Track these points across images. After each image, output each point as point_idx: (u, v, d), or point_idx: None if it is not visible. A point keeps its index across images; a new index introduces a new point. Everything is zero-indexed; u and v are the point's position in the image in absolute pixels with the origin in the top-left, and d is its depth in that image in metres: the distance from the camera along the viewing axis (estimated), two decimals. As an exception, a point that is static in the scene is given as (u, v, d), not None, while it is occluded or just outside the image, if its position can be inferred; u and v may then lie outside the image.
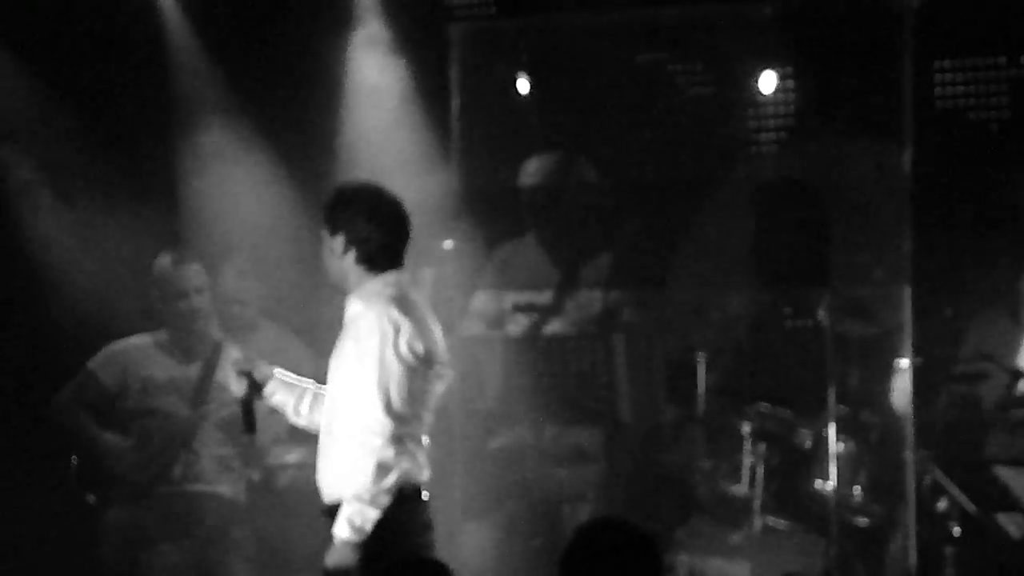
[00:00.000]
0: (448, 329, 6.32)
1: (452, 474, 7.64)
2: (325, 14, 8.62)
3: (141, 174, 8.46)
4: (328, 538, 5.70)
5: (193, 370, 7.44)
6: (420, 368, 5.69)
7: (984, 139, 8.36)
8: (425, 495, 5.78)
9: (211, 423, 7.39)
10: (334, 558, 5.66)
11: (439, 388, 5.83)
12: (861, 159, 8.35)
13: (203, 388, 7.40)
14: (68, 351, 7.74)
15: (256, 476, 7.60)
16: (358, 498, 5.61)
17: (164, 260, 7.45)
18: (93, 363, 7.48)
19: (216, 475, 7.41)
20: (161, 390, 7.39)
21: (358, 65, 8.64)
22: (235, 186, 8.51)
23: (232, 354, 6.09)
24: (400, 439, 5.64)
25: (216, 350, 7.45)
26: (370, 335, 5.66)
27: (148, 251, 7.75)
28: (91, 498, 7.37)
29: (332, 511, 5.73)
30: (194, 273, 7.44)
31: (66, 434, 7.46)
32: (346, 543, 5.62)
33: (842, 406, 7.44)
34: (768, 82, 8.46)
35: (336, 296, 5.99)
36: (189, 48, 8.59)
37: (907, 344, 7.91)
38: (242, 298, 8.03)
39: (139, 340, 7.52)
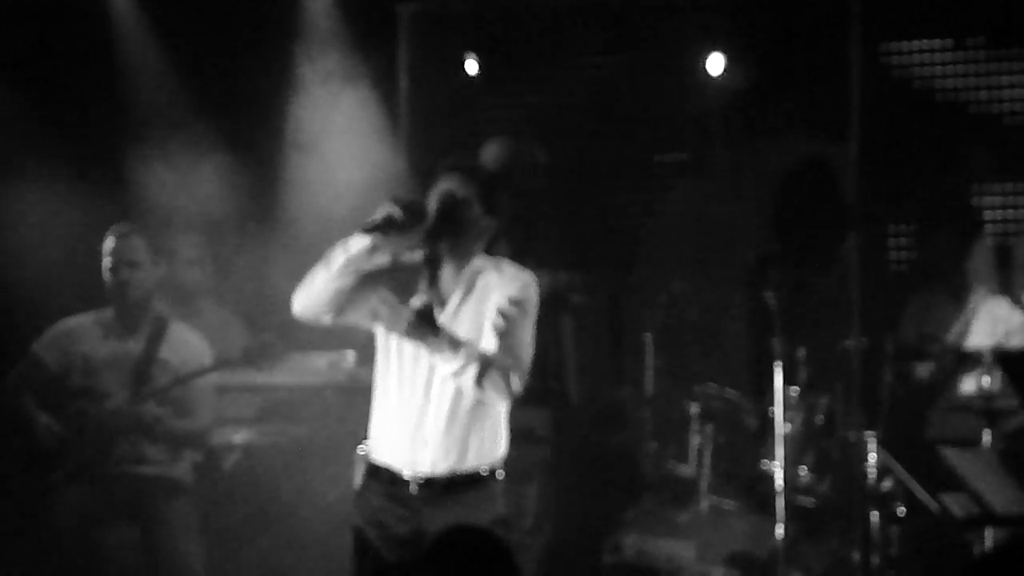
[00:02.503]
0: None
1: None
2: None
3: (88, 153, 8.41)
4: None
5: (136, 346, 7.36)
6: None
7: (931, 121, 8.40)
8: None
9: (155, 401, 7.31)
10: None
11: None
12: (809, 141, 8.38)
13: (146, 365, 7.33)
14: (19, 334, 7.67)
15: (199, 458, 7.55)
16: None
17: (110, 234, 7.40)
18: (37, 345, 7.42)
19: (161, 455, 7.35)
20: (102, 368, 7.31)
21: (306, 45, 8.61)
22: (180, 167, 8.48)
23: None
24: None
25: (160, 326, 7.39)
26: (533, 300, 5.78)
27: (99, 230, 7.70)
28: (31, 477, 7.31)
29: (461, 481, 5.65)
30: (128, 247, 7.34)
31: (10, 419, 7.40)
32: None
33: (788, 387, 7.46)
34: (716, 64, 8.48)
35: (272, 273, 5.95)
36: (135, 24, 8.55)
37: (854, 325, 7.96)
38: (192, 277, 8.02)
39: (83, 318, 7.46)
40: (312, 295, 5.61)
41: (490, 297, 5.72)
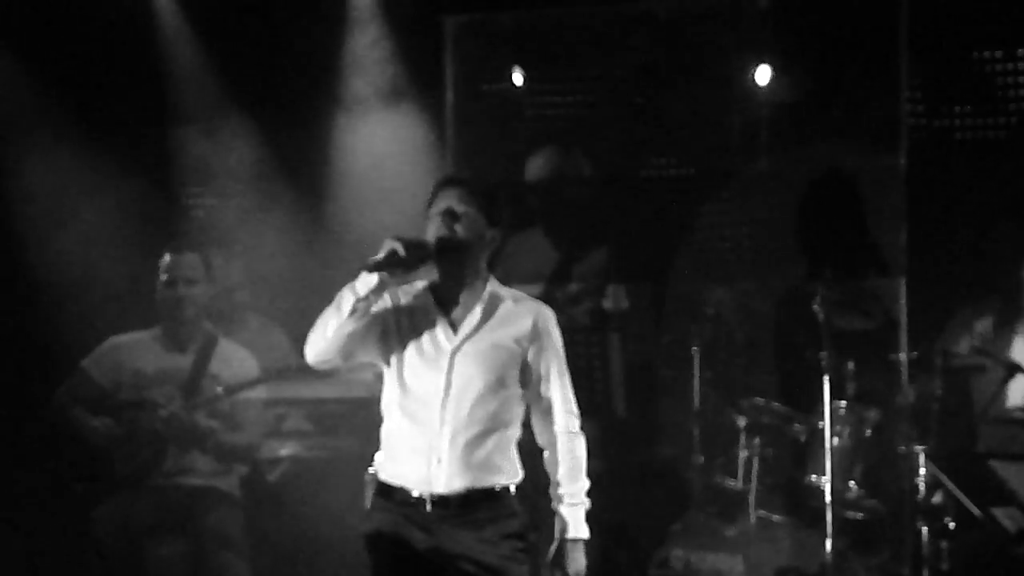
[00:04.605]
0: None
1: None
2: (321, 6, 8.61)
3: (136, 168, 8.46)
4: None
5: (185, 361, 7.42)
6: None
7: (981, 131, 8.35)
8: None
9: (204, 414, 7.35)
10: (578, 557, 5.70)
11: None
12: (857, 152, 8.34)
13: (196, 379, 7.38)
14: (67, 350, 7.72)
15: (244, 470, 7.57)
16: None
17: (167, 250, 7.46)
18: (87, 361, 7.48)
19: (210, 467, 7.38)
20: (152, 381, 7.38)
21: (354, 58, 8.62)
22: (225, 179, 8.52)
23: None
24: None
25: (210, 341, 7.45)
26: (558, 333, 5.77)
27: (143, 249, 7.76)
28: (79, 487, 7.34)
29: (477, 498, 5.63)
30: (185, 263, 7.42)
31: (60, 431, 7.44)
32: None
33: (837, 400, 7.42)
34: (763, 75, 8.45)
35: (318, 287, 5.96)
36: (182, 44, 8.59)
37: (902, 337, 7.91)
38: (229, 287, 8.05)
39: (134, 335, 7.53)
40: (325, 341, 5.58)
41: (511, 327, 5.70)
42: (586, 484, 5.74)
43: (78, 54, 8.48)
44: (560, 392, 5.74)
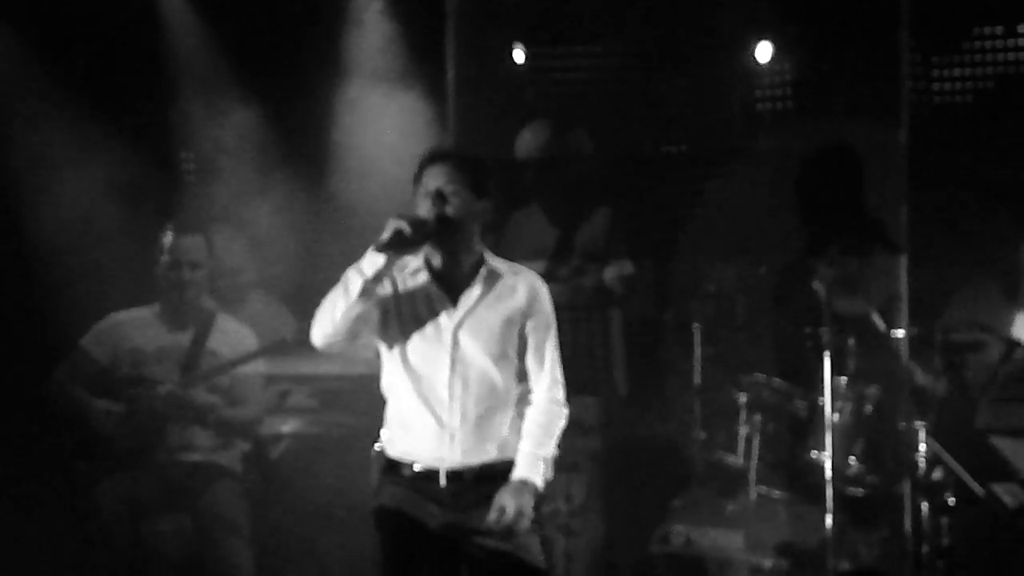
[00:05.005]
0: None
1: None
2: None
3: (136, 143, 8.47)
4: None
5: (184, 339, 7.43)
6: None
7: (983, 107, 8.35)
8: None
9: (203, 389, 7.36)
10: (525, 499, 5.63)
11: None
12: (858, 129, 8.34)
13: (194, 355, 7.39)
14: (64, 329, 7.73)
15: (247, 447, 7.59)
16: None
17: (168, 229, 7.45)
18: (85, 340, 7.48)
19: (209, 442, 7.40)
20: (151, 359, 7.39)
21: (355, 35, 8.62)
22: (225, 153, 8.53)
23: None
24: None
25: (209, 319, 7.45)
26: (551, 305, 5.82)
27: (146, 224, 7.76)
28: (80, 466, 7.36)
29: (489, 474, 5.67)
30: (190, 245, 7.42)
31: (61, 410, 7.45)
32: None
33: (837, 376, 7.43)
34: (764, 52, 8.45)
35: (322, 265, 5.97)
36: (184, 13, 8.60)
37: (903, 314, 7.92)
38: (232, 267, 8.04)
39: (131, 313, 7.53)
40: (334, 324, 5.61)
41: (509, 299, 5.75)
42: (553, 450, 5.76)
43: (78, 26, 8.48)
44: (550, 362, 5.78)
